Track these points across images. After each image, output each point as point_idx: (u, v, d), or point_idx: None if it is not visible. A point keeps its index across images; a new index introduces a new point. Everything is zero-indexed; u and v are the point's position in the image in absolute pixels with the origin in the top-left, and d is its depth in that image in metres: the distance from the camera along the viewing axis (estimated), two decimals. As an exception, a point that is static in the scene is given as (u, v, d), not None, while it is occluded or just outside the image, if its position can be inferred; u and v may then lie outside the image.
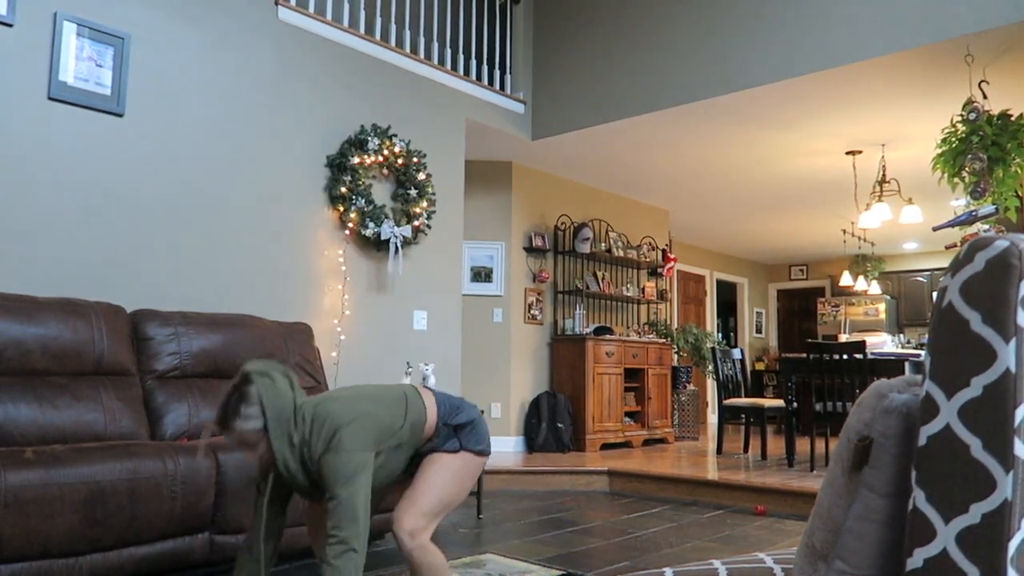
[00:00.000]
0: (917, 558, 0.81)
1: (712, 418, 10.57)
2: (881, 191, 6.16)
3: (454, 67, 5.83)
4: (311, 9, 4.70)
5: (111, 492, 2.55)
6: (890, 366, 5.09)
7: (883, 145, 6.13)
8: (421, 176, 4.99)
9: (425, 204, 4.98)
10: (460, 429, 2.25)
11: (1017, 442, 0.76)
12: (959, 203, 4.60)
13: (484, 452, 2.27)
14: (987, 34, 4.14)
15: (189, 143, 4.00)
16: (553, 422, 6.52)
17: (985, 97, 4.35)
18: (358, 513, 1.96)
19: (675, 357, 8.18)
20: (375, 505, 2.30)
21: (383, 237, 4.71)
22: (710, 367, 8.13)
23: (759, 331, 12.02)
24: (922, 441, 0.82)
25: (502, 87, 6.16)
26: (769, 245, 10.76)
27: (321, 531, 2.35)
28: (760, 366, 11.17)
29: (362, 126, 4.78)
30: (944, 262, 10.73)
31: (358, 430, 2.04)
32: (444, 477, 2.18)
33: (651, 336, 7.69)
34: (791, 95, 5.10)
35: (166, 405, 3.31)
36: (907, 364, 5.02)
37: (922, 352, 5.33)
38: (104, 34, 3.66)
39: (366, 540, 1.98)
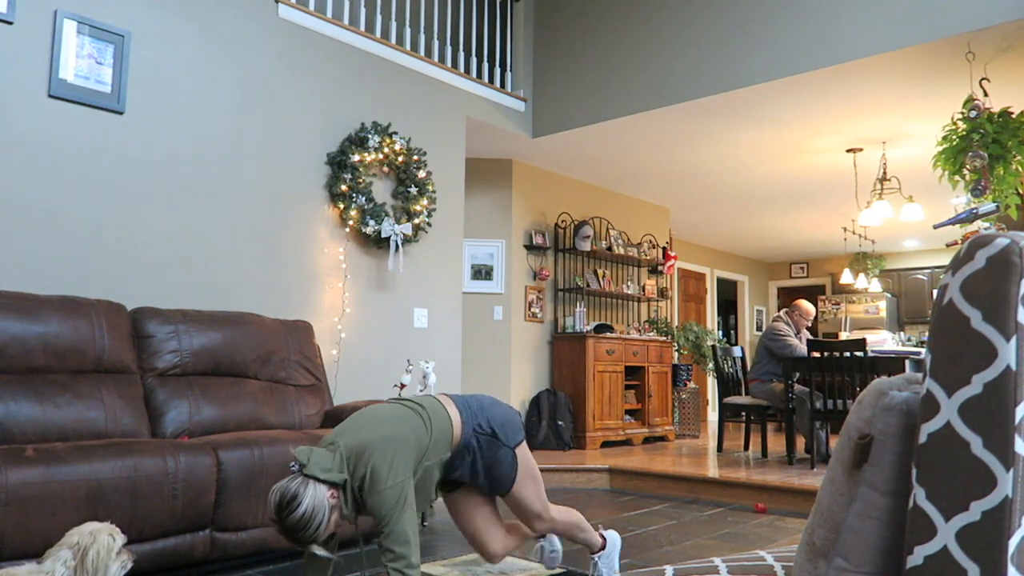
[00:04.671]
0: (917, 555, 0.81)
1: (712, 416, 10.57)
2: (882, 189, 6.15)
3: (455, 64, 5.82)
4: (311, 6, 4.70)
5: (112, 490, 2.55)
6: (890, 364, 5.09)
7: (884, 143, 6.13)
8: (421, 174, 4.98)
9: (425, 202, 4.97)
10: (496, 432, 2.42)
11: (1018, 440, 0.76)
12: (960, 201, 4.60)
13: (522, 440, 2.50)
14: (988, 31, 4.13)
15: (189, 141, 4.00)
16: (553, 420, 6.52)
17: (986, 95, 4.34)
18: (408, 536, 2.14)
19: (676, 355, 8.17)
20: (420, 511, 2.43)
21: (383, 235, 4.71)
22: (711, 365, 8.12)
23: (759, 329, 12.02)
24: (922, 439, 0.82)
25: (503, 85, 6.15)
26: (770, 243, 10.75)
27: (477, 529, 2.55)
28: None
29: (362, 124, 4.78)
30: (945, 260, 10.73)
31: (392, 462, 2.15)
32: (523, 481, 2.46)
33: (652, 334, 7.68)
34: (791, 93, 5.10)
35: (167, 403, 3.31)
36: (907, 362, 5.02)
37: (922, 350, 5.33)
38: (104, 31, 3.66)
39: (419, 553, 2.17)
